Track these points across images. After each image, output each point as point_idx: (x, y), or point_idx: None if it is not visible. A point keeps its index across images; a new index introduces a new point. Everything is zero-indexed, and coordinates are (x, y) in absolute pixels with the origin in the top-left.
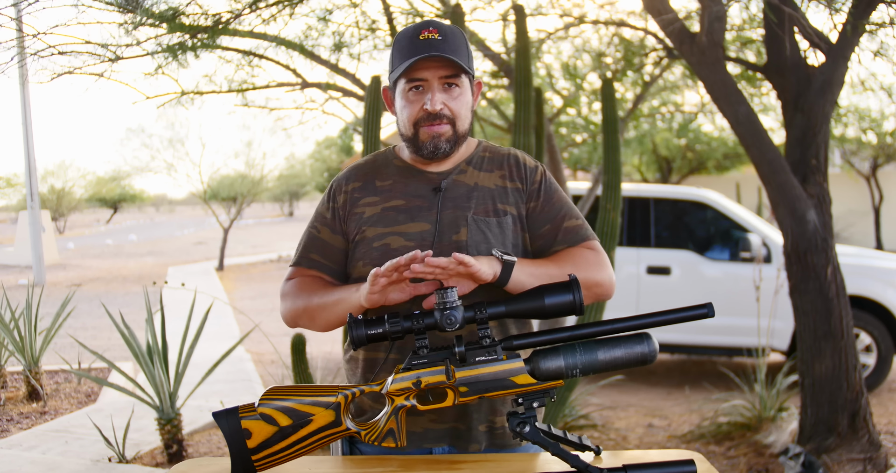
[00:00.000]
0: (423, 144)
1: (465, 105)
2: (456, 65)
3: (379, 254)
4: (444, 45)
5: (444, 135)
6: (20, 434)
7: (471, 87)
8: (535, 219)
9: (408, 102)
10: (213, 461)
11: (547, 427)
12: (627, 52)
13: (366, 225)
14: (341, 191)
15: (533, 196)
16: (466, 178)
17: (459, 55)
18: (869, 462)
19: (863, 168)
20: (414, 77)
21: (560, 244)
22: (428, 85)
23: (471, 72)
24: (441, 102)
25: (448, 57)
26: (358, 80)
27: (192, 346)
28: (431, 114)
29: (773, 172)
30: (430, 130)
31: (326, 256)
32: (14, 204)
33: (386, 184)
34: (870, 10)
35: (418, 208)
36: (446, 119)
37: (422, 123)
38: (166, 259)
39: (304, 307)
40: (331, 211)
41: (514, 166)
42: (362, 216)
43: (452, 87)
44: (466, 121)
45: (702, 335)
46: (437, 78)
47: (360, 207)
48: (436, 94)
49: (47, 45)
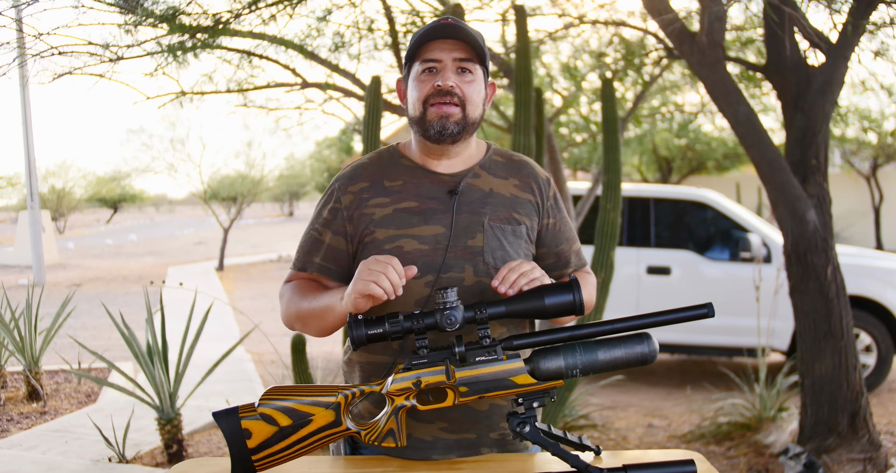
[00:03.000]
0: (430, 123)
1: (477, 92)
2: (471, 49)
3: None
4: (461, 31)
5: (452, 116)
6: (20, 434)
7: (484, 83)
8: (550, 237)
9: (419, 82)
10: (213, 461)
11: (547, 427)
12: (627, 52)
13: (376, 226)
14: (346, 191)
15: (549, 213)
16: (481, 183)
17: (477, 44)
18: (869, 462)
19: (863, 168)
20: (428, 58)
21: (572, 267)
22: (442, 66)
23: (486, 65)
24: (453, 81)
25: (463, 39)
26: (358, 80)
27: (192, 346)
28: (442, 90)
29: (773, 172)
30: (439, 109)
31: (329, 259)
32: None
33: (396, 184)
34: (870, 10)
35: (432, 210)
36: (457, 99)
37: (431, 101)
38: (166, 259)
39: (296, 313)
40: (334, 212)
41: (529, 177)
42: (372, 217)
43: (466, 72)
44: (477, 109)
45: (702, 335)
46: (451, 59)
47: (370, 208)
48: (448, 72)
49: (49, 46)
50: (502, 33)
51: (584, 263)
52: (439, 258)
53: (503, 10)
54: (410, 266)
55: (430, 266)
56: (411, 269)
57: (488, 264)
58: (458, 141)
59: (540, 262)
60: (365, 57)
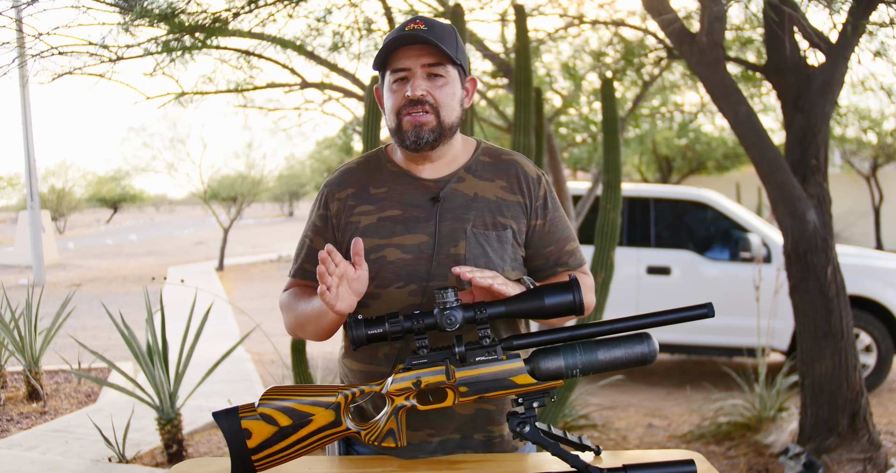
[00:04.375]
0: (405, 133)
1: (450, 96)
2: (438, 52)
3: (375, 266)
4: (428, 35)
5: (426, 125)
6: (20, 434)
7: (461, 81)
8: (538, 238)
9: (392, 93)
10: (213, 461)
11: (547, 427)
12: (627, 52)
13: (361, 236)
14: (334, 198)
15: (537, 213)
16: (465, 187)
17: (446, 45)
18: (869, 462)
19: (863, 168)
20: (397, 67)
21: (562, 267)
22: (411, 74)
23: (459, 63)
24: (423, 89)
25: (430, 44)
26: (357, 79)
27: (192, 346)
28: (412, 100)
29: (773, 172)
30: (412, 118)
31: None
32: (14, 204)
33: (381, 191)
34: (870, 10)
35: (415, 219)
36: (429, 107)
37: (404, 112)
38: (166, 259)
39: (294, 319)
40: (323, 219)
41: (516, 178)
42: (357, 226)
43: (437, 77)
44: (453, 113)
45: (702, 335)
46: (419, 66)
47: (356, 216)
48: (418, 81)
49: (49, 46)
50: (502, 33)
51: (580, 263)
52: (422, 267)
53: (503, 10)
54: (356, 240)
55: (414, 276)
56: (357, 243)
57: None
58: (438, 146)
59: (527, 263)
60: (365, 57)
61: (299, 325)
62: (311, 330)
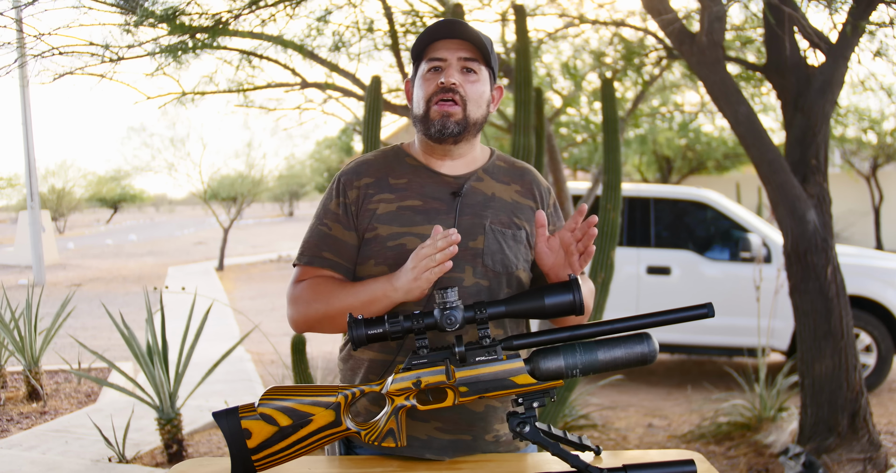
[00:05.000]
0: (432, 121)
1: (480, 93)
2: (475, 49)
3: (393, 254)
4: (467, 30)
5: (453, 116)
6: (20, 434)
7: (490, 85)
8: None
9: (425, 81)
10: (213, 461)
11: (547, 427)
12: (627, 52)
13: (379, 222)
14: (352, 186)
15: (548, 220)
16: (483, 186)
17: (482, 44)
18: (869, 462)
19: (863, 168)
20: (434, 56)
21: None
22: (446, 64)
23: (492, 67)
24: (456, 79)
25: (469, 39)
26: (358, 79)
27: (192, 346)
28: (445, 88)
29: (773, 172)
30: (440, 108)
31: (339, 253)
32: (14, 204)
33: (401, 182)
34: (870, 10)
35: (436, 210)
36: (459, 98)
37: (434, 99)
38: (166, 259)
39: (324, 312)
40: (342, 206)
41: (530, 184)
42: (375, 212)
43: (470, 72)
44: (479, 109)
45: (702, 335)
46: (456, 58)
47: (374, 203)
48: (452, 70)
49: (50, 47)
50: (502, 33)
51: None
52: None
53: (503, 10)
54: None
55: None
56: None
57: (487, 266)
58: (460, 141)
59: (533, 268)
60: (365, 57)
61: (329, 317)
62: (341, 323)
